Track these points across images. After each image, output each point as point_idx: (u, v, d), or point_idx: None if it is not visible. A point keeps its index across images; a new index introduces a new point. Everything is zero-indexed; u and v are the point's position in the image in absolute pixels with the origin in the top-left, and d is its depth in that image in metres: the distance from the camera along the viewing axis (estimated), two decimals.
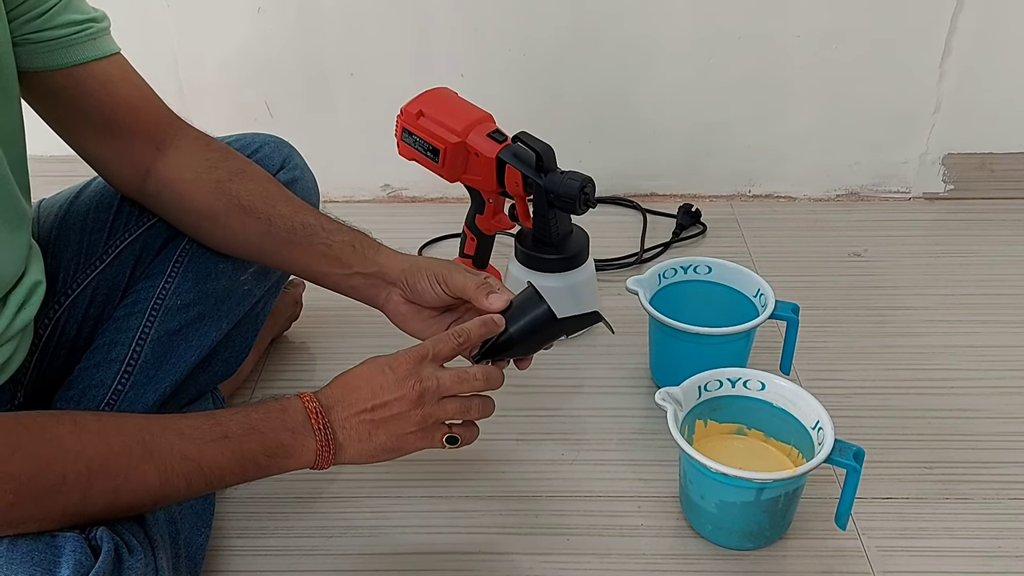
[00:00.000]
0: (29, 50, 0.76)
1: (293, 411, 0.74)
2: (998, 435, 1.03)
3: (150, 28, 1.39)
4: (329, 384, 0.77)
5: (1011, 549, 0.90)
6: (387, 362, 0.76)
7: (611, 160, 1.49)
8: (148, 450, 0.67)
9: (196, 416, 0.72)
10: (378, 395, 0.75)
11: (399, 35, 1.40)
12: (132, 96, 0.85)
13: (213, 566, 0.89)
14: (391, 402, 0.75)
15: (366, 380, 0.75)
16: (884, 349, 1.17)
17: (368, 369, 0.76)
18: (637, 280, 1.06)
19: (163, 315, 0.91)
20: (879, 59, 1.39)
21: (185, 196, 0.88)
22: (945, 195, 1.51)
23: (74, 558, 0.63)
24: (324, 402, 0.75)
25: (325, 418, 0.74)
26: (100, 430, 0.67)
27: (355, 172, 1.52)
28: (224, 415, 0.73)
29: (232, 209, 0.87)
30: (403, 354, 0.76)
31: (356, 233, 0.90)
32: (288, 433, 0.73)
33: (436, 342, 0.77)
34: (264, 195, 0.89)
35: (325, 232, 0.88)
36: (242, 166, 0.90)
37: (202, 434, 0.70)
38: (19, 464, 0.62)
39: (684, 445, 0.84)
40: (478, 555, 0.90)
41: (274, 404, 0.74)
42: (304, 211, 0.89)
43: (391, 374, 0.75)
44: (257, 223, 0.88)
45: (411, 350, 0.77)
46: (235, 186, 0.88)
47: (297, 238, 0.88)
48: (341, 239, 0.88)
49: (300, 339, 1.22)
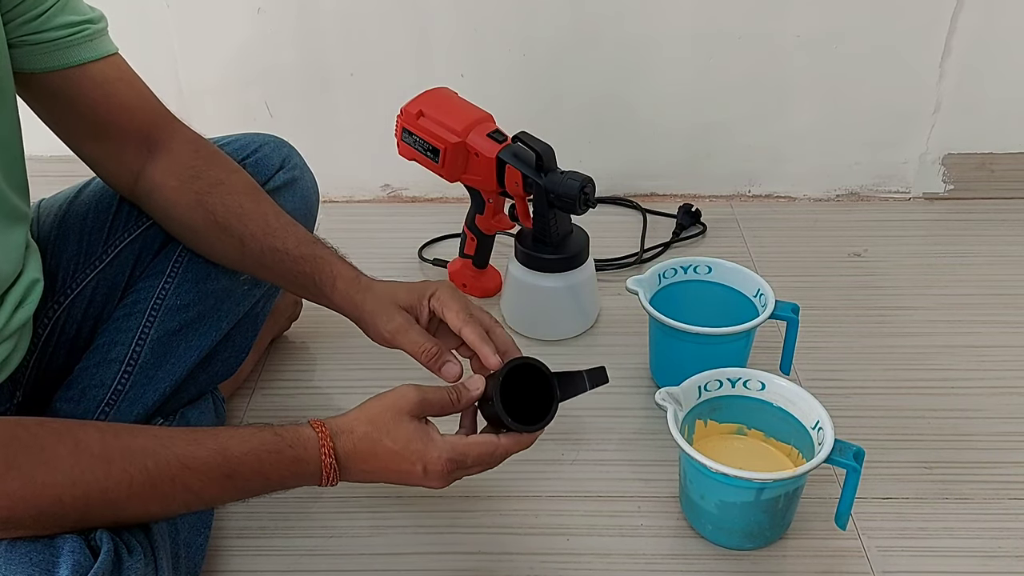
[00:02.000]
0: (26, 51, 0.76)
1: (307, 463, 0.73)
2: (998, 435, 1.03)
3: (150, 28, 1.39)
4: (355, 431, 0.74)
5: (1011, 549, 0.89)
6: (422, 456, 0.74)
7: (611, 160, 1.49)
8: (150, 479, 0.66)
9: (205, 444, 0.70)
10: (402, 479, 0.75)
11: (399, 35, 1.40)
12: (128, 97, 0.84)
13: (213, 566, 0.89)
14: (412, 484, 0.76)
15: (395, 462, 0.74)
16: (884, 349, 1.17)
17: (401, 450, 0.74)
18: (637, 280, 1.06)
19: (163, 315, 0.90)
20: (879, 59, 1.39)
21: (169, 203, 0.88)
22: (945, 195, 1.51)
23: (73, 558, 0.63)
24: (342, 460, 0.73)
25: (337, 473, 0.74)
26: (102, 454, 0.65)
27: (355, 172, 1.52)
28: (234, 451, 0.70)
29: (209, 224, 0.87)
30: (443, 460, 0.74)
31: (320, 263, 0.88)
32: (294, 479, 0.73)
33: (478, 457, 0.76)
34: (238, 212, 0.87)
35: (292, 260, 0.87)
36: (222, 177, 0.89)
37: (209, 469, 0.69)
38: (13, 483, 0.61)
39: (684, 445, 0.84)
40: (478, 555, 0.90)
41: (289, 452, 0.72)
42: (274, 234, 0.87)
43: (421, 472, 0.74)
44: (231, 241, 0.87)
45: (451, 457, 0.74)
46: (213, 199, 0.87)
47: (267, 262, 0.88)
48: (304, 270, 0.87)
49: (300, 339, 1.22)
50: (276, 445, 0.72)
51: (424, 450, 0.74)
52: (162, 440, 0.69)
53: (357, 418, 0.75)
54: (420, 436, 0.74)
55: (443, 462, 0.74)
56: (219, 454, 0.69)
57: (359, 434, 0.74)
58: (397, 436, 0.74)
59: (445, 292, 0.86)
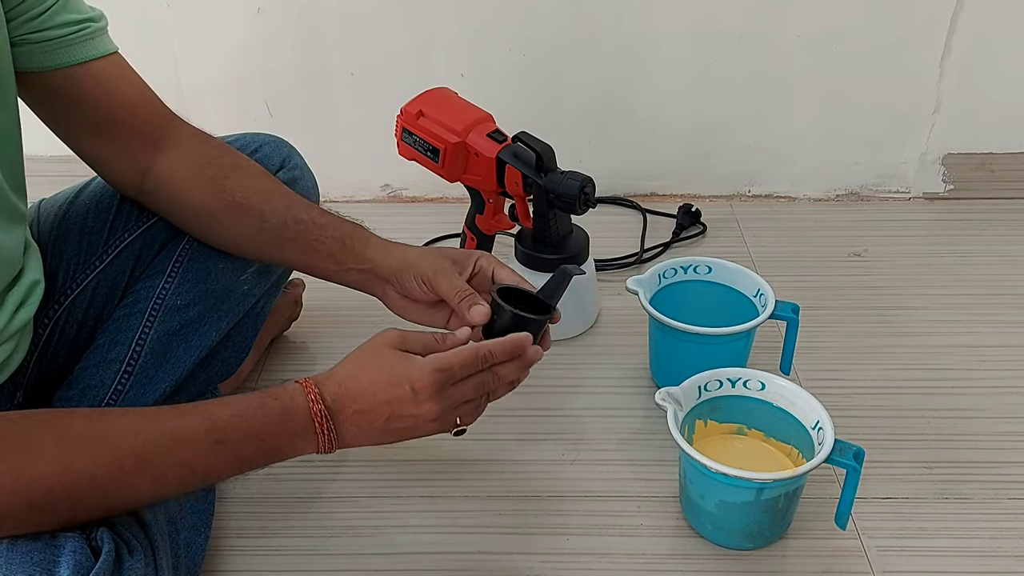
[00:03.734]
0: (27, 50, 0.76)
1: (295, 413, 0.71)
2: (998, 435, 1.03)
3: (150, 28, 1.39)
4: (338, 374, 0.74)
5: (1011, 549, 0.89)
6: (407, 376, 0.72)
7: (611, 160, 1.49)
8: (140, 460, 0.66)
9: (191, 415, 0.69)
10: (395, 409, 0.72)
11: (399, 35, 1.40)
12: (130, 95, 0.85)
13: (213, 566, 0.89)
14: (408, 417, 0.73)
15: (383, 389, 0.72)
16: (884, 349, 1.17)
17: (386, 376, 0.72)
18: (637, 280, 1.06)
19: (163, 315, 0.91)
20: (879, 59, 1.39)
21: (182, 193, 0.88)
22: (945, 195, 1.51)
23: (74, 558, 0.63)
24: (330, 403, 0.72)
25: (330, 421, 0.72)
26: (90, 440, 0.65)
27: (355, 172, 1.52)
28: (220, 414, 0.69)
29: (226, 206, 0.87)
30: (427, 372, 0.72)
31: (348, 226, 0.89)
32: (288, 437, 0.71)
33: (463, 364, 0.74)
34: (258, 191, 0.88)
35: (317, 228, 0.88)
36: (238, 162, 0.90)
37: (198, 438, 0.68)
38: (2, 478, 0.61)
39: (684, 445, 0.84)
40: (478, 555, 0.90)
41: (274, 404, 0.71)
42: (297, 206, 0.89)
43: (411, 393, 0.72)
44: (250, 220, 0.88)
45: (436, 368, 0.73)
46: (230, 182, 0.88)
47: (290, 234, 0.88)
48: (332, 235, 0.88)
49: (300, 339, 1.22)
50: (260, 399, 0.71)
51: (407, 370, 0.72)
52: (148, 418, 0.68)
53: (339, 365, 0.76)
54: (402, 359, 0.73)
55: (429, 375, 0.72)
56: (205, 420, 0.69)
57: (343, 374, 0.74)
58: (380, 364, 0.73)
59: (489, 258, 0.89)
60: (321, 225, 0.88)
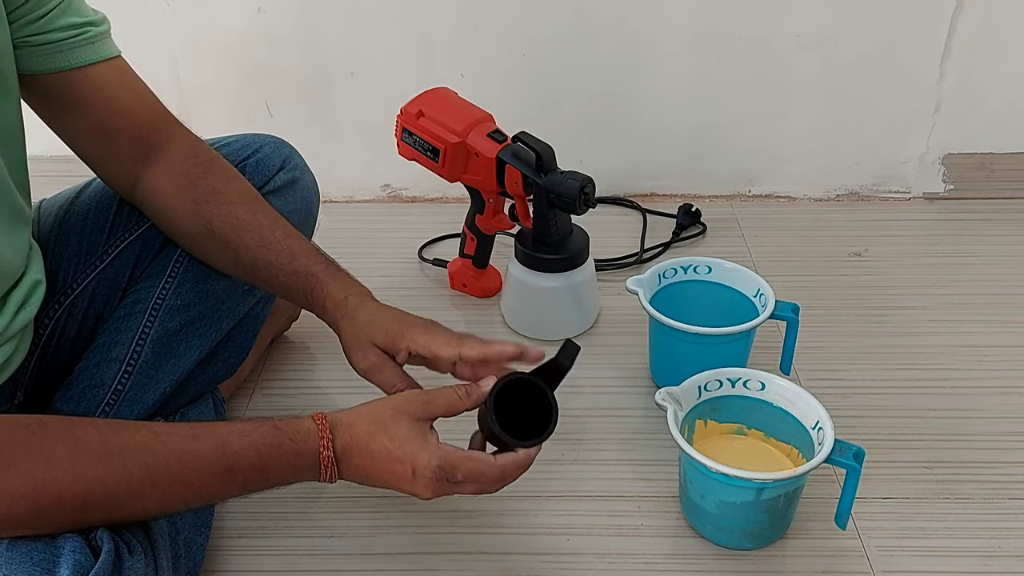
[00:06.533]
0: (28, 53, 0.76)
1: (307, 455, 0.72)
2: (998, 435, 1.03)
3: (150, 28, 1.39)
4: (354, 426, 0.74)
5: (1011, 549, 0.90)
6: (412, 458, 0.73)
7: (611, 160, 1.49)
8: (150, 476, 0.66)
9: (204, 440, 0.69)
10: (391, 480, 0.75)
11: (399, 35, 1.40)
12: (128, 100, 0.84)
13: (213, 566, 0.89)
14: (402, 489, 0.75)
15: (386, 460, 0.73)
16: (884, 349, 1.17)
17: (394, 450, 0.73)
18: (637, 280, 1.06)
19: (163, 315, 0.91)
20: (879, 59, 1.39)
21: (167, 209, 0.88)
22: (945, 195, 1.51)
23: (74, 558, 0.63)
24: (339, 451, 0.73)
25: (335, 467, 0.73)
26: (101, 452, 0.65)
27: (355, 172, 1.52)
28: (233, 446, 0.70)
29: (205, 233, 0.87)
30: (432, 464, 0.73)
31: (311, 280, 0.87)
32: (292, 473, 0.73)
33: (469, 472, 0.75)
34: (233, 223, 0.87)
35: (284, 275, 0.87)
36: (219, 185, 0.88)
37: (208, 466, 0.69)
38: (13, 482, 0.61)
39: (684, 445, 0.84)
40: (478, 555, 0.90)
41: (290, 446, 0.72)
42: (266, 246, 0.87)
43: (410, 474, 0.73)
44: (226, 251, 0.87)
45: (441, 464, 0.73)
46: (209, 209, 0.87)
47: (261, 275, 0.88)
48: (297, 286, 0.87)
49: (300, 339, 1.22)
50: (276, 438, 0.72)
51: (416, 452, 0.73)
52: (161, 436, 0.69)
53: (360, 413, 0.75)
54: (416, 437, 0.74)
55: (432, 468, 0.73)
56: (218, 448, 0.69)
57: (358, 428, 0.74)
58: (395, 434, 0.74)
59: (418, 331, 0.83)
60: (288, 273, 0.87)
